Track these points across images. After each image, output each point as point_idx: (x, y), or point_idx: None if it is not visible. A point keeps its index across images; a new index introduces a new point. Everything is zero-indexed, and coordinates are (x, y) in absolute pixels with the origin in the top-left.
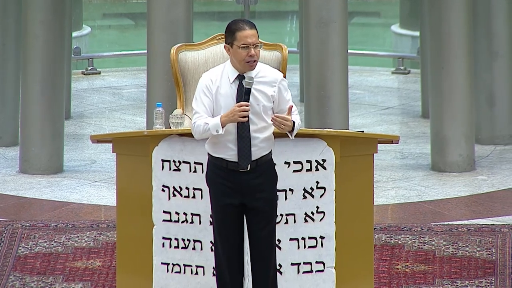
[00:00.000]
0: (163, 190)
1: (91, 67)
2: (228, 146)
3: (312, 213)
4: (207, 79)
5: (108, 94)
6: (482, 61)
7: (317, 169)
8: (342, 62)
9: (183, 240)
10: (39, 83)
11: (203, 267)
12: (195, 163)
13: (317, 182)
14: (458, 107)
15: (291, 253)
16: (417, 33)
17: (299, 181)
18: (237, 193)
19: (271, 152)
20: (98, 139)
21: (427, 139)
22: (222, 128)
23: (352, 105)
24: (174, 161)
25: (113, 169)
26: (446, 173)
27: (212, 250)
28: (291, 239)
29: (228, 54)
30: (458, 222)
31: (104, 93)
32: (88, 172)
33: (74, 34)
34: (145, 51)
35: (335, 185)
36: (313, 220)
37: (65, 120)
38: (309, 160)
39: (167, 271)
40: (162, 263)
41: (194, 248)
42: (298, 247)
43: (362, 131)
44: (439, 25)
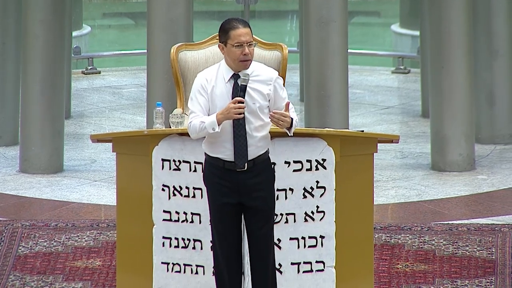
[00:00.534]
0: (163, 190)
1: (91, 67)
2: (225, 146)
3: (312, 213)
4: (202, 79)
5: (108, 94)
6: (482, 60)
7: (317, 169)
8: (342, 62)
9: (183, 240)
10: (39, 83)
11: (203, 267)
12: (195, 163)
13: (317, 182)
14: (458, 107)
15: (291, 253)
16: (417, 33)
17: (299, 181)
18: (235, 193)
19: (268, 151)
20: (98, 139)
21: (427, 139)
22: (218, 126)
23: (352, 105)
24: (174, 161)
25: (113, 169)
26: (446, 173)
27: (212, 250)
28: (291, 239)
29: (223, 53)
30: (458, 222)
31: (104, 93)
32: (88, 172)
33: (74, 34)
34: (145, 51)
35: (335, 185)
36: (313, 220)
37: (65, 120)
38: (309, 160)
39: (167, 271)
40: (162, 263)
41: (194, 248)
42: (298, 247)
43: (362, 131)
44: (439, 24)
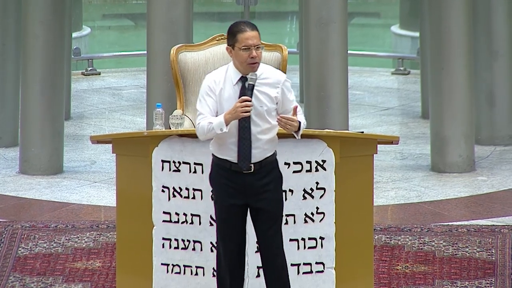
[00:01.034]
0: (163, 191)
1: (91, 68)
2: (231, 148)
3: (312, 214)
4: (211, 80)
5: (108, 95)
6: (482, 61)
7: (317, 170)
8: (342, 63)
9: (183, 241)
10: (39, 84)
11: (203, 268)
12: (195, 164)
13: (317, 183)
14: (458, 108)
15: (291, 254)
16: (417, 34)
17: (299, 182)
18: (241, 194)
19: (276, 153)
20: (98, 140)
21: (427, 140)
22: (226, 126)
23: (352, 106)
24: (174, 162)
25: (113, 170)
26: (446, 174)
27: (212, 251)
28: (291, 240)
29: (230, 56)
30: (458, 223)
31: (104, 94)
32: (88, 173)
33: (74, 35)
34: (145, 52)
35: (335, 186)
36: (313, 221)
37: (65, 121)
38: (309, 161)
39: (167, 272)
40: (162, 264)
41: (194, 249)
42: (298, 248)
43: (362, 132)
44: (439, 25)
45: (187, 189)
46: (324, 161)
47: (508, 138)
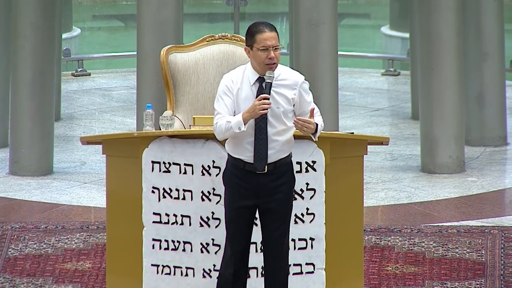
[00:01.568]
0: (153, 192)
1: (81, 69)
2: (246, 148)
3: (302, 215)
4: (228, 80)
5: (98, 96)
6: (472, 62)
7: (307, 171)
8: (332, 64)
9: (173, 242)
10: (29, 85)
11: (193, 269)
12: (185, 165)
13: (307, 184)
14: (448, 109)
15: None
16: (407, 35)
17: None
18: (253, 195)
19: (291, 155)
20: (88, 141)
21: (417, 141)
22: (245, 125)
23: (342, 107)
24: (164, 163)
25: (103, 171)
26: (436, 175)
27: (202, 252)
28: None
29: (249, 57)
30: (448, 224)
31: (94, 95)
32: (78, 174)
33: (64, 36)
34: (135, 53)
35: (325, 187)
36: (303, 222)
37: (55, 122)
38: (299, 162)
39: (157, 273)
40: (152, 265)
41: (184, 250)
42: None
43: (352, 133)
44: (429, 26)
45: (177, 190)
46: (314, 162)
47: (498, 139)
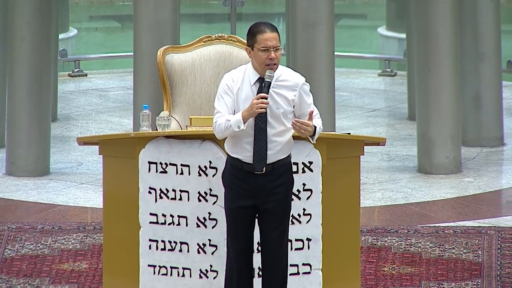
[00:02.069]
0: (150, 192)
1: (78, 69)
2: (245, 147)
3: (299, 215)
4: (229, 79)
5: (95, 96)
6: (469, 62)
7: (304, 171)
8: (329, 64)
9: (170, 242)
10: (26, 85)
11: (190, 269)
12: (182, 165)
13: (304, 184)
14: (445, 109)
15: None
16: (404, 35)
17: None
18: (251, 195)
19: (290, 156)
20: (85, 141)
21: (414, 141)
22: (244, 124)
23: (339, 107)
24: (161, 163)
25: (100, 171)
26: (433, 175)
27: (199, 252)
28: None
29: (250, 57)
30: (445, 224)
31: (91, 95)
32: (75, 174)
33: (61, 36)
34: (132, 53)
35: (322, 187)
36: (300, 222)
37: (52, 122)
38: (296, 162)
39: (154, 273)
40: (149, 265)
41: (181, 250)
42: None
43: (349, 133)
44: (426, 27)
45: (174, 191)
46: (311, 163)
47: (495, 140)
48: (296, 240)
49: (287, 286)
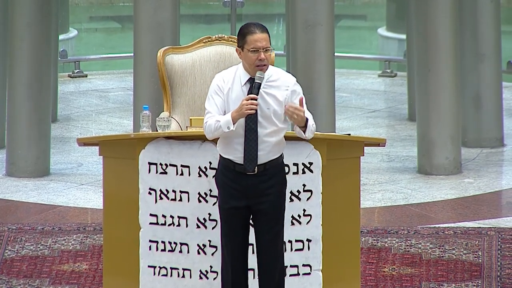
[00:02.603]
0: (150, 193)
1: (78, 70)
2: (236, 148)
3: (299, 216)
4: (220, 79)
5: (95, 97)
6: (469, 63)
7: (304, 172)
8: (329, 65)
9: (170, 243)
10: (26, 86)
11: (190, 270)
12: (182, 166)
13: (304, 185)
14: (445, 110)
15: None
16: (404, 36)
17: None
18: (243, 196)
19: (282, 156)
20: (85, 142)
21: (414, 142)
22: (234, 124)
23: (339, 108)
24: (161, 164)
25: (100, 172)
26: (433, 176)
27: (199, 253)
28: None
29: (240, 58)
30: (445, 225)
31: (91, 96)
32: (75, 175)
33: (61, 37)
34: (132, 54)
35: (322, 188)
36: (300, 223)
37: (52, 123)
38: (296, 163)
39: (154, 274)
40: (149, 266)
41: (181, 251)
42: (285, 250)
43: (349, 134)
44: (425, 27)
45: (174, 191)
46: (311, 163)
47: (495, 140)
48: (296, 241)
49: (287, 287)
